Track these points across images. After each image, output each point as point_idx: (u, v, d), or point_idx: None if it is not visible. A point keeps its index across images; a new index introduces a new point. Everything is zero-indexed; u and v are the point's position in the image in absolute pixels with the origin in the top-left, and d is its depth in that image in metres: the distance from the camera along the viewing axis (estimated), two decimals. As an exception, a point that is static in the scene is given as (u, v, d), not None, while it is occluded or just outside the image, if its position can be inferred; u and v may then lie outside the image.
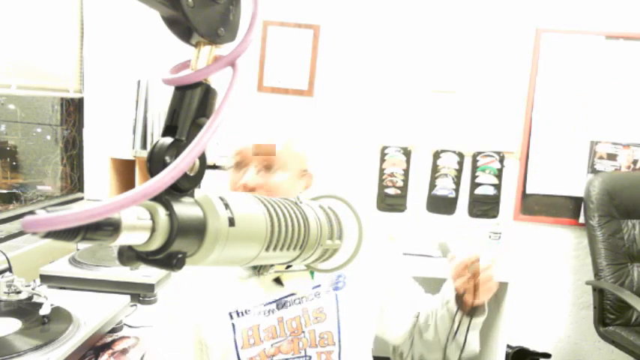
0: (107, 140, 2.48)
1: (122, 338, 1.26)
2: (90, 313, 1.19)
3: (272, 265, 0.84)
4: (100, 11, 2.46)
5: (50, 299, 1.18)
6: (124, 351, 1.20)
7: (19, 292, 1.23)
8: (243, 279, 0.99)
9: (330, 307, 0.97)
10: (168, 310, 1.05)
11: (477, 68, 2.56)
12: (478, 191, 2.61)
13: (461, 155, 2.61)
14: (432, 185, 2.63)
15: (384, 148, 2.62)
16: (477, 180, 2.61)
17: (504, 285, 2.19)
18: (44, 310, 1.12)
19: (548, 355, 2.54)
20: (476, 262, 0.96)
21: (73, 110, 2.36)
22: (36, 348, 1.02)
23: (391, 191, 2.63)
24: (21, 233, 1.72)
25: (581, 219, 2.58)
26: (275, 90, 2.60)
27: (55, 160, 2.27)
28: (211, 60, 0.42)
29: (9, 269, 1.40)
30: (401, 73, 2.58)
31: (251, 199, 0.48)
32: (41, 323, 1.11)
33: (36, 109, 2.19)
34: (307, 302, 0.97)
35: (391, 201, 2.63)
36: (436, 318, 1.04)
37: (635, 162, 2.57)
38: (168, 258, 0.38)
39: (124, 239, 0.34)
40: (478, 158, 2.60)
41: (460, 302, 0.99)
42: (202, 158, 0.40)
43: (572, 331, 2.70)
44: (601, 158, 2.57)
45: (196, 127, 0.40)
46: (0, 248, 1.45)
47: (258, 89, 2.60)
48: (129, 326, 1.34)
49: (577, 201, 2.58)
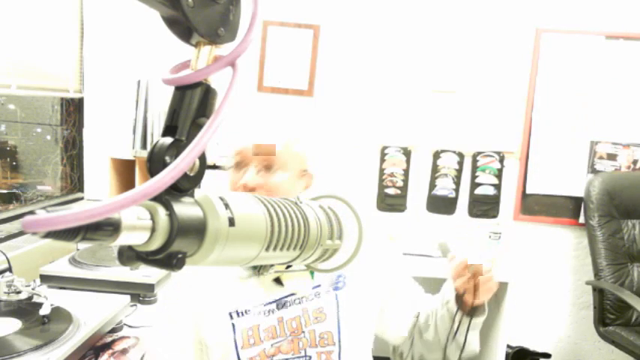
0: (107, 140, 2.48)
1: (122, 338, 1.26)
2: (90, 313, 1.19)
3: (272, 265, 0.84)
4: (100, 11, 2.46)
5: (50, 299, 1.18)
6: (124, 351, 1.20)
7: (19, 292, 1.23)
8: (243, 279, 0.99)
9: (330, 307, 0.97)
10: (168, 310, 1.05)
11: (477, 68, 2.56)
12: (478, 191, 2.61)
13: (461, 155, 2.61)
14: (432, 185, 2.63)
15: (384, 148, 2.62)
16: (477, 180, 2.61)
17: (504, 285, 2.19)
18: (44, 310, 1.12)
19: (548, 355, 2.54)
20: (476, 263, 0.96)
21: (73, 110, 2.36)
22: (36, 348, 1.02)
23: (391, 191, 2.63)
24: (21, 233, 1.72)
25: (581, 219, 2.58)
26: (275, 90, 2.60)
27: (55, 160, 2.27)
28: (211, 60, 0.42)
29: (9, 269, 1.40)
30: (401, 73, 2.58)
31: (251, 199, 0.48)
32: (41, 323, 1.11)
33: (36, 109, 2.19)
34: (307, 302, 0.97)
35: (391, 201, 2.63)
36: (436, 318, 1.05)
37: (635, 162, 2.57)
38: (168, 258, 0.38)
39: (124, 239, 0.34)
40: (478, 158, 2.60)
41: (460, 302, 0.99)
42: (202, 158, 0.40)
43: (572, 331, 2.70)
44: (601, 158, 2.57)
45: (196, 127, 0.40)
46: (0, 248, 1.45)
47: (258, 89, 2.60)
48: (129, 326, 1.34)
49: (577, 201, 2.58)
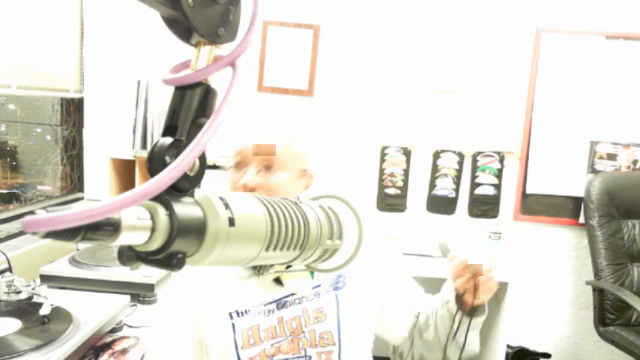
0: (107, 140, 2.48)
1: (122, 338, 1.26)
2: (90, 313, 1.19)
3: (272, 265, 0.84)
4: (100, 11, 2.46)
5: (50, 299, 1.18)
6: (124, 351, 1.20)
7: (19, 292, 1.23)
8: (243, 279, 0.99)
9: (330, 307, 0.97)
10: (168, 310, 1.05)
11: (477, 68, 2.56)
12: (478, 191, 2.61)
13: (461, 155, 2.61)
14: (432, 185, 2.63)
15: (384, 148, 2.62)
16: (477, 180, 2.61)
17: (504, 285, 2.19)
18: (44, 310, 1.12)
19: (548, 355, 2.54)
20: (476, 262, 0.96)
21: (73, 110, 2.36)
22: (36, 348, 1.02)
23: (391, 191, 2.63)
24: (21, 233, 1.72)
25: (581, 219, 2.58)
26: (275, 90, 2.60)
27: (55, 160, 2.27)
28: (211, 60, 0.42)
29: (9, 269, 1.40)
30: (401, 73, 2.58)
31: (251, 199, 0.48)
32: (41, 323, 1.11)
33: (36, 109, 2.19)
34: (307, 302, 0.97)
35: (391, 201, 2.63)
36: (436, 318, 1.04)
37: (635, 162, 2.57)
38: (168, 258, 0.38)
39: (124, 239, 0.34)
40: (478, 158, 2.60)
41: (460, 302, 0.99)
42: (202, 158, 0.40)
43: (572, 331, 2.70)
44: (601, 158, 2.57)
45: (196, 127, 0.40)
46: (0, 248, 1.45)
47: (258, 89, 2.60)
48: (129, 326, 1.34)
49: (577, 201, 2.58)
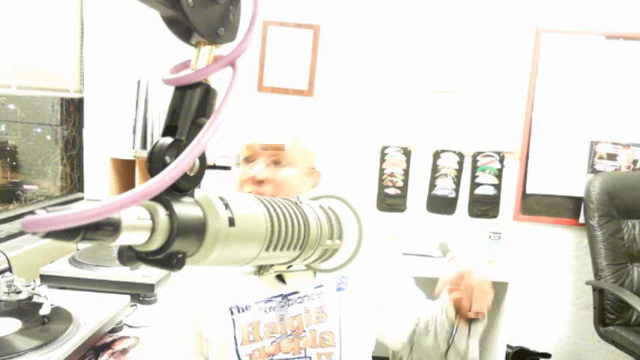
0: (107, 140, 2.48)
1: (122, 338, 1.26)
2: (90, 313, 1.20)
3: (272, 265, 0.84)
4: (100, 11, 2.46)
5: (50, 299, 1.18)
6: (124, 351, 1.20)
7: (19, 292, 1.23)
8: (245, 273, 0.98)
9: (332, 307, 0.97)
10: (168, 310, 1.05)
11: (477, 68, 2.56)
12: (478, 191, 2.61)
13: (461, 155, 2.61)
14: (432, 185, 2.63)
15: (384, 148, 2.62)
16: (477, 180, 2.61)
17: (504, 285, 2.19)
18: (44, 310, 1.12)
19: (548, 355, 2.54)
20: (469, 269, 0.94)
21: (73, 110, 2.36)
22: (36, 348, 1.02)
23: (391, 191, 2.63)
24: (21, 233, 1.72)
25: (581, 219, 2.58)
26: (275, 90, 2.60)
27: (55, 160, 2.27)
28: (211, 60, 0.42)
29: (9, 269, 1.40)
30: (401, 73, 2.58)
31: (251, 199, 0.48)
32: (41, 323, 1.11)
33: (36, 109, 2.19)
34: (309, 301, 0.97)
35: (391, 201, 2.63)
36: (436, 324, 1.03)
37: (635, 162, 2.57)
38: (168, 258, 0.38)
39: (124, 239, 0.34)
40: (478, 158, 2.60)
41: (459, 309, 0.98)
42: (202, 158, 0.40)
43: (572, 331, 2.70)
44: (601, 158, 2.57)
45: (196, 127, 0.40)
46: (0, 248, 1.45)
47: (258, 89, 2.60)
48: (129, 326, 1.34)
49: (577, 201, 2.58)
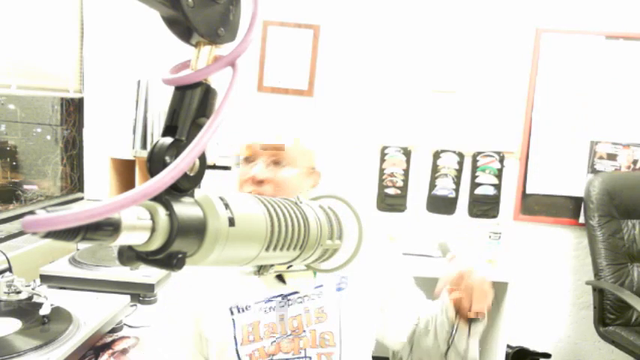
0: (107, 140, 2.48)
1: (122, 338, 1.26)
2: (90, 313, 1.20)
3: (272, 265, 0.84)
4: (100, 11, 2.46)
5: (50, 299, 1.18)
6: (124, 351, 1.20)
7: (19, 292, 1.23)
8: (245, 273, 0.98)
9: (332, 307, 0.97)
10: (168, 310, 1.05)
11: (477, 68, 2.56)
12: (478, 191, 2.61)
13: (461, 155, 2.61)
14: (432, 185, 2.63)
15: (384, 148, 2.62)
16: (477, 180, 2.61)
17: (504, 285, 2.19)
18: (44, 310, 1.12)
19: (548, 355, 2.54)
20: (469, 270, 0.94)
21: (73, 110, 2.36)
22: (36, 348, 1.02)
23: (391, 191, 2.63)
24: (21, 233, 1.72)
25: (581, 219, 2.58)
26: (275, 90, 2.60)
27: (55, 160, 2.27)
28: (211, 60, 0.42)
29: (9, 269, 1.40)
30: (401, 73, 2.58)
31: (251, 199, 0.48)
32: (41, 323, 1.11)
33: (36, 109, 2.19)
34: (309, 301, 0.97)
35: (391, 201, 2.63)
36: (436, 324, 1.03)
37: (635, 162, 2.57)
38: (168, 258, 0.38)
39: (124, 239, 0.34)
40: (478, 158, 2.60)
41: (459, 309, 0.98)
42: (202, 158, 0.40)
43: (572, 331, 2.70)
44: (601, 158, 2.57)
45: (196, 127, 0.40)
46: (0, 248, 1.45)
47: (258, 89, 2.60)
48: (129, 326, 1.34)
49: (577, 201, 2.58)
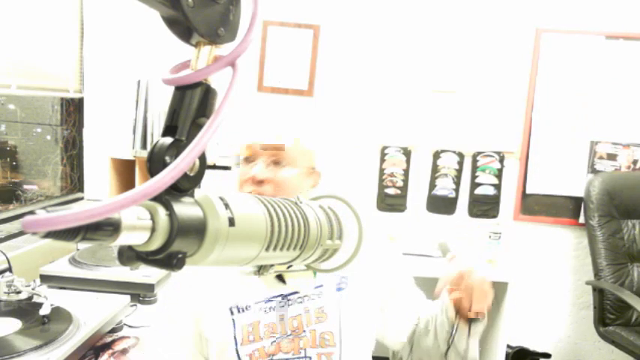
0: (107, 140, 2.48)
1: (122, 338, 1.26)
2: (90, 313, 1.20)
3: (272, 265, 0.84)
4: (100, 11, 2.46)
5: (50, 299, 1.18)
6: (124, 351, 1.20)
7: (19, 292, 1.23)
8: (245, 273, 0.98)
9: (332, 307, 0.97)
10: (168, 310, 1.05)
11: (477, 68, 2.56)
12: (478, 191, 2.61)
13: (461, 155, 2.61)
14: (432, 185, 2.63)
15: (384, 148, 2.62)
16: (477, 180, 2.61)
17: (504, 285, 2.19)
18: (44, 310, 1.12)
19: (548, 355, 2.54)
20: (469, 270, 0.94)
21: (73, 110, 2.36)
22: (36, 348, 1.02)
23: (391, 191, 2.63)
24: (21, 233, 1.72)
25: (581, 219, 2.58)
26: (275, 90, 2.60)
27: (55, 160, 2.27)
28: (211, 60, 0.42)
29: (9, 269, 1.40)
30: (401, 73, 2.58)
31: (251, 199, 0.48)
32: (41, 323, 1.11)
33: (36, 109, 2.19)
34: (309, 301, 0.97)
35: (391, 201, 2.63)
36: (436, 324, 1.03)
37: (635, 162, 2.57)
38: (168, 258, 0.38)
39: (124, 239, 0.34)
40: (478, 158, 2.60)
41: (459, 309, 0.98)
42: (202, 158, 0.40)
43: (572, 331, 2.70)
44: (601, 158, 2.57)
45: (196, 127, 0.40)
46: (0, 248, 1.45)
47: (258, 89, 2.60)
48: (129, 326, 1.34)
49: (577, 201, 2.58)
